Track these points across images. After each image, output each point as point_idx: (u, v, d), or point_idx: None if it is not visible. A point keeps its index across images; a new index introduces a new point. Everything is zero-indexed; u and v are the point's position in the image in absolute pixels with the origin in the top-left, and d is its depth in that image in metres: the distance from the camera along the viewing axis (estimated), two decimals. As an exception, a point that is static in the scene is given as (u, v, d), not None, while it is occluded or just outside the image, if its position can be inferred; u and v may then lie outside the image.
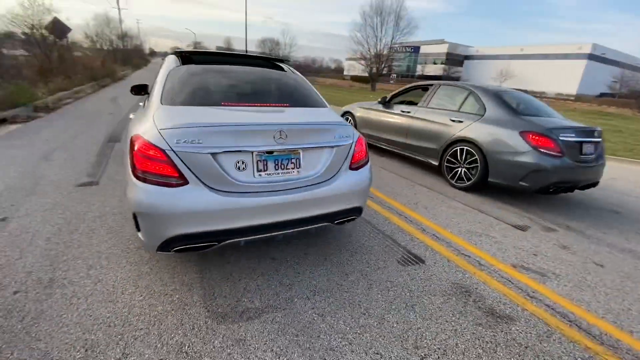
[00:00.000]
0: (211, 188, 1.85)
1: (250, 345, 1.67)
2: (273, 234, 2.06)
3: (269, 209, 1.98)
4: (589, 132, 3.87)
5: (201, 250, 1.96)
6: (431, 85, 5.29)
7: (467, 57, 71.59)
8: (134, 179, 1.81)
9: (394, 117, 5.55)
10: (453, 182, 4.47)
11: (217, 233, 1.89)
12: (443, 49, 70.44)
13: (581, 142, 3.79)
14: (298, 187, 2.07)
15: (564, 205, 4.18)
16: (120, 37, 57.56)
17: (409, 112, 5.28)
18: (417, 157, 5.12)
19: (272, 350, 1.65)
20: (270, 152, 1.98)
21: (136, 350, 1.60)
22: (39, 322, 1.73)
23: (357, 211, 2.39)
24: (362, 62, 40.02)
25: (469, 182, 4.24)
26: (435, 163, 4.75)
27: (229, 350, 1.63)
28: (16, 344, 1.58)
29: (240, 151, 1.89)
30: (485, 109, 4.29)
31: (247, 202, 1.91)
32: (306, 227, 2.16)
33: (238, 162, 1.91)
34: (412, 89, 5.75)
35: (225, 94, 2.40)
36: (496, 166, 3.95)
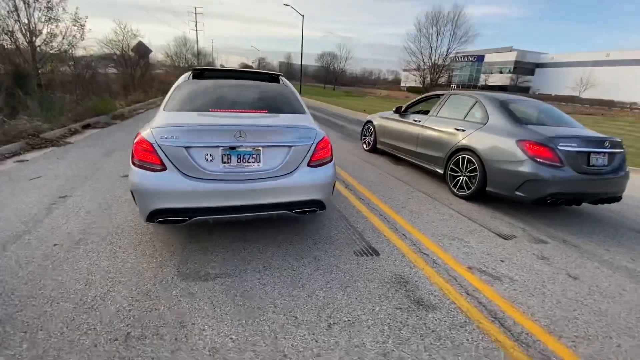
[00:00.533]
0: (184, 174, 2.37)
1: (197, 297, 2.12)
2: (235, 215, 2.50)
3: (231, 194, 2.43)
4: (598, 142, 3.63)
5: (178, 224, 2.49)
6: (443, 94, 5.33)
7: (539, 65, 65.44)
8: (132, 165, 2.42)
9: (407, 126, 5.68)
10: (455, 190, 4.46)
11: (187, 210, 2.39)
12: (510, 57, 65.42)
13: (588, 153, 3.58)
14: (258, 178, 2.49)
15: (579, 220, 3.91)
16: (196, 55, 64.71)
17: (419, 121, 5.38)
18: (425, 166, 5.18)
19: (212, 302, 2.07)
20: (234, 148, 2.44)
21: (117, 289, 2.15)
22: (62, 264, 2.40)
23: (316, 204, 2.72)
24: (416, 72, 39.22)
25: (469, 191, 4.22)
26: (441, 171, 4.78)
27: (180, 299, 2.09)
28: (44, 276, 2.25)
29: (208, 146, 2.39)
30: (488, 118, 4.26)
31: (212, 186, 2.39)
32: (266, 213, 2.57)
33: (207, 155, 2.41)
34: (427, 98, 5.81)
35: (215, 102, 2.96)
36: (494, 175, 3.90)
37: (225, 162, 2.44)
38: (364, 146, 7.29)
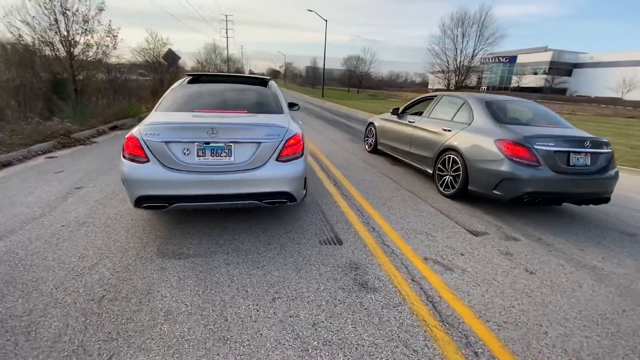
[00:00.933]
0: (164, 166, 2.71)
1: (167, 271, 2.44)
2: (209, 203, 2.82)
3: (205, 184, 2.75)
4: (578, 142, 3.60)
5: (160, 209, 2.84)
6: (436, 95, 5.40)
7: (577, 66, 61.75)
8: (122, 158, 2.80)
9: (402, 127, 5.79)
10: (442, 189, 4.54)
11: (167, 197, 2.74)
12: (545, 57, 62.26)
13: (568, 152, 3.56)
14: (229, 171, 2.79)
15: (567, 221, 3.87)
16: (225, 62, 67.40)
17: (413, 122, 5.48)
18: (417, 166, 5.27)
19: (179, 276, 2.38)
20: (208, 143, 2.76)
21: (103, 263, 2.52)
22: (65, 242, 2.82)
23: (285, 196, 2.97)
24: (440, 74, 38.43)
25: (453, 190, 4.29)
26: (430, 171, 4.87)
27: (152, 272, 2.42)
28: (48, 250, 2.67)
29: (185, 141, 2.72)
30: (473, 118, 4.31)
31: (188, 177, 2.72)
32: (237, 202, 2.86)
33: (184, 149, 2.74)
34: (422, 100, 5.89)
35: (202, 103, 3.31)
36: (474, 174, 3.97)
37: (200, 156, 2.76)
38: (366, 147, 7.44)
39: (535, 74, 64.10)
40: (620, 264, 2.98)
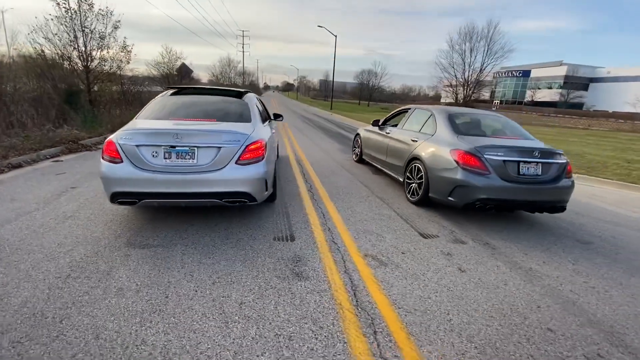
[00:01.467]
0: (135, 165, 3.09)
1: (129, 257, 2.78)
2: (174, 200, 3.18)
3: (170, 183, 3.10)
4: (527, 152, 3.80)
5: (130, 205, 3.21)
6: (410, 108, 5.68)
7: (594, 80, 60.66)
8: (101, 159, 3.20)
9: (381, 137, 6.08)
10: (409, 196, 4.77)
11: (136, 194, 3.10)
12: (560, 71, 61.54)
13: (518, 162, 3.76)
14: (192, 172, 3.14)
15: (525, 229, 4.03)
16: (241, 75, 69.58)
17: (389, 133, 5.76)
18: (392, 174, 5.52)
19: (138, 262, 2.72)
20: (173, 147, 3.13)
21: (77, 249, 2.88)
22: (50, 232, 3.21)
23: (244, 196, 3.29)
24: (449, 88, 38.57)
25: (417, 197, 4.52)
26: (401, 179, 5.11)
27: (116, 258, 2.77)
28: (34, 237, 3.06)
29: (153, 145, 3.10)
30: (436, 130, 4.57)
31: (155, 176, 3.08)
32: (199, 200, 3.20)
33: (153, 152, 3.12)
34: (399, 112, 6.18)
35: (176, 112, 3.72)
36: (434, 182, 4.19)
37: (167, 158, 3.13)
38: (354, 157, 7.73)
39: (550, 88, 63.29)
40: (558, 267, 3.14)
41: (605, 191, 6.63)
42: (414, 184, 4.65)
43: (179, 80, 22.65)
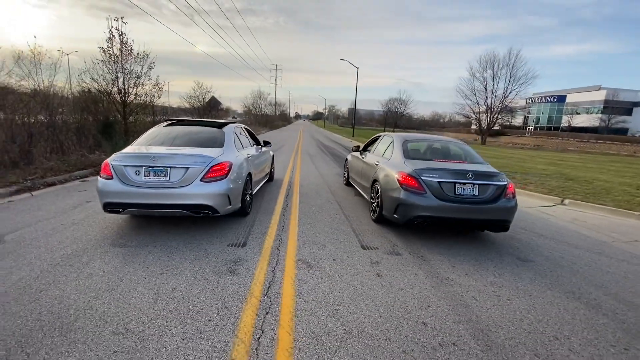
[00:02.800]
0: (121, 181, 3.91)
1: (107, 254, 3.50)
2: (150, 210, 3.92)
3: (147, 195, 3.87)
4: (462, 174, 4.15)
5: (117, 213, 3.99)
6: (381, 135, 6.22)
7: (638, 104, 56.96)
8: (99, 176, 4.06)
9: (358, 161, 6.62)
10: (371, 215, 5.21)
11: (121, 204, 3.89)
12: (598, 96, 58.64)
13: (454, 183, 4.13)
14: (165, 187, 3.90)
15: (472, 246, 4.30)
16: (272, 105, 73.57)
17: (364, 157, 6.30)
18: (364, 195, 5.99)
19: (112, 257, 3.43)
20: (151, 167, 3.92)
21: (72, 246, 3.67)
22: (57, 233, 4.06)
23: (207, 208, 3.97)
24: (471, 116, 38.20)
25: (376, 215, 4.95)
26: (368, 199, 5.57)
27: (98, 254, 3.50)
28: (45, 237, 3.92)
29: (136, 165, 3.92)
30: (392, 154, 5.05)
31: (136, 190, 3.87)
32: (170, 210, 3.93)
33: (136, 171, 3.93)
34: (375, 139, 6.71)
35: (163, 140, 4.58)
36: (385, 201, 4.64)
37: (146, 176, 3.93)
38: (343, 180, 8.27)
39: (589, 113, 60.21)
40: (477, 279, 3.42)
41: (590, 216, 6.56)
42: (375, 203, 5.10)
43: (209, 111, 24.81)
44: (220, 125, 5.18)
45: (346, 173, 8.05)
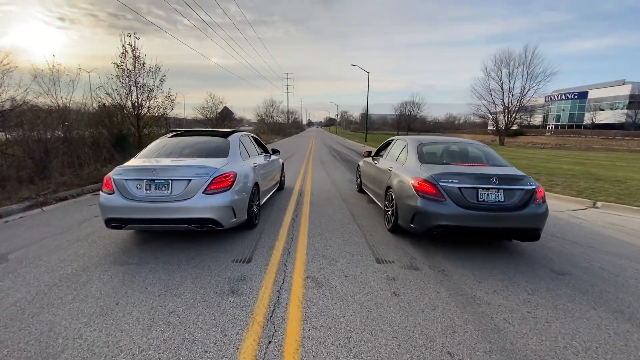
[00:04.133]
0: (123, 196, 3.76)
1: (107, 272, 3.33)
2: (152, 225, 3.75)
3: (149, 210, 3.70)
4: (485, 179, 3.78)
5: (119, 229, 3.84)
6: (394, 139, 5.90)
7: (668, 98, 53.96)
8: (101, 191, 3.94)
9: (371, 167, 6.31)
10: (386, 224, 4.88)
11: (123, 219, 3.74)
12: (623, 90, 56.02)
13: (476, 188, 3.77)
14: (167, 201, 3.72)
15: (499, 257, 3.92)
16: (285, 113, 74.23)
17: (376, 163, 5.99)
18: (378, 202, 5.67)
19: (111, 276, 3.25)
20: (153, 180, 3.76)
21: (72, 265, 3.53)
22: (59, 251, 3.94)
23: (210, 221, 3.76)
24: (488, 116, 37.07)
25: (391, 225, 4.62)
26: (382, 207, 5.25)
27: (97, 273, 3.34)
28: (45, 255, 3.81)
29: (137, 179, 3.76)
30: (406, 159, 4.73)
31: (138, 204, 3.71)
32: (173, 225, 3.75)
33: (137, 184, 3.78)
34: (387, 144, 6.38)
35: (166, 152, 4.43)
36: (400, 210, 4.31)
37: (147, 189, 3.77)
38: (356, 187, 7.96)
39: (613, 109, 57.55)
40: (508, 297, 3.04)
41: (628, 220, 5.99)
42: (390, 212, 4.77)
43: (221, 122, 25.08)
44: (226, 135, 5.01)
45: (358, 179, 7.74)
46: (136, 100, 13.26)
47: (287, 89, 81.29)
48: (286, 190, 7.79)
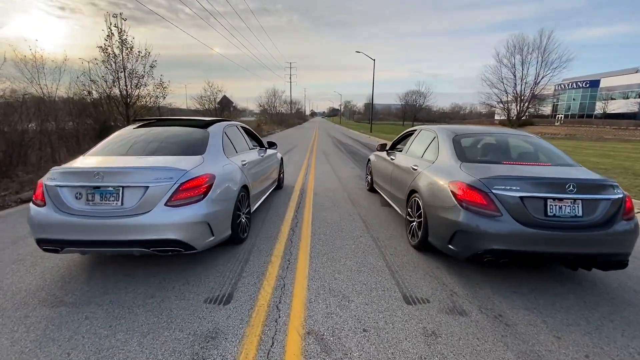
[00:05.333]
0: (57, 209, 2.74)
1: (27, 319, 2.34)
2: (96, 249, 2.74)
3: (93, 229, 2.68)
4: (558, 185, 2.71)
5: (55, 252, 2.83)
6: (416, 130, 4.81)
7: (686, 86, 51.88)
8: (30, 202, 2.91)
9: (386, 163, 5.24)
10: (409, 238, 3.85)
11: (57, 241, 2.73)
12: (637, 79, 53.92)
13: (544, 199, 2.71)
14: (114, 216, 2.69)
15: (566, 290, 2.89)
16: (287, 103, 73.19)
17: (394, 159, 4.92)
18: (395, 207, 4.63)
19: (29, 326, 2.26)
20: (97, 187, 2.73)
21: (60, 287, 2.55)
22: (35, 267, 2.96)
23: (174, 243, 2.74)
24: (499, 105, 35.50)
25: (417, 240, 3.58)
26: (403, 214, 4.21)
27: (14, 319, 2.35)
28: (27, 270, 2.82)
29: (75, 186, 2.74)
30: (438, 155, 3.66)
31: (77, 221, 2.69)
32: (122, 249, 2.73)
33: (77, 193, 2.75)
34: (406, 135, 5.30)
35: (126, 148, 3.40)
36: (432, 223, 3.26)
37: (90, 200, 2.74)
38: (366, 185, 6.91)
39: (626, 98, 55.46)
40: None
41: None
42: (414, 223, 3.73)
43: (221, 111, 23.94)
44: (205, 125, 3.94)
45: (369, 177, 6.67)
46: (124, 87, 12.23)
47: (290, 78, 79.66)
48: (286, 189, 6.75)
